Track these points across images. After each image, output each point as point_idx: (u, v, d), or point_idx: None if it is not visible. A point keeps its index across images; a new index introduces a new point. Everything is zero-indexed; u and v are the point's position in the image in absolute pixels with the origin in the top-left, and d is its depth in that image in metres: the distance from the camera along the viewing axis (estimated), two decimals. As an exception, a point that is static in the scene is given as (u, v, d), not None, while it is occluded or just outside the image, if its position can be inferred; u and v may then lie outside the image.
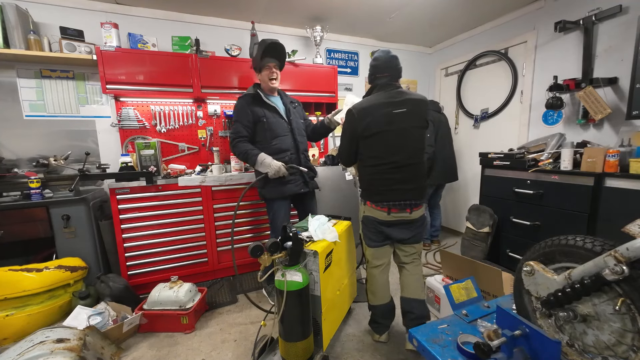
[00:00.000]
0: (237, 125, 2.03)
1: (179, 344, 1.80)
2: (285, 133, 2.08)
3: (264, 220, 2.60)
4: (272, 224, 2.15)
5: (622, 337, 0.76)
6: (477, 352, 0.83)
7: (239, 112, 2.03)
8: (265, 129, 2.03)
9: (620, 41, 2.13)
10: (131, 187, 2.21)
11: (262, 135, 2.04)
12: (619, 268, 0.71)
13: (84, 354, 1.39)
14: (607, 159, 1.84)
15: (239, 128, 2.02)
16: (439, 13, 2.88)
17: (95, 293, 2.02)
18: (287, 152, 2.06)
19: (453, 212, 3.78)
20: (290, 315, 1.39)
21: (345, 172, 2.96)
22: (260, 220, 2.62)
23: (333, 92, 3.09)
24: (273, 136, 2.04)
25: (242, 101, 2.05)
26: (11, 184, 2.17)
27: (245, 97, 2.06)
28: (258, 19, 2.92)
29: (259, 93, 2.06)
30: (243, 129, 2.02)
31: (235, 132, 2.02)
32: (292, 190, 2.07)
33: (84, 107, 2.54)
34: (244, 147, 2.00)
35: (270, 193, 2.05)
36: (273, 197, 2.06)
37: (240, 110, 2.03)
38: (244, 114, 2.02)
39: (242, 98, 2.06)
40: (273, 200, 2.07)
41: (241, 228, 2.57)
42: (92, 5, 2.47)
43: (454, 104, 3.63)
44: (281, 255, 1.41)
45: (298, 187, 2.09)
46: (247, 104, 2.03)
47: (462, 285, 1.35)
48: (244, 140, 2.02)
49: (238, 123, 2.03)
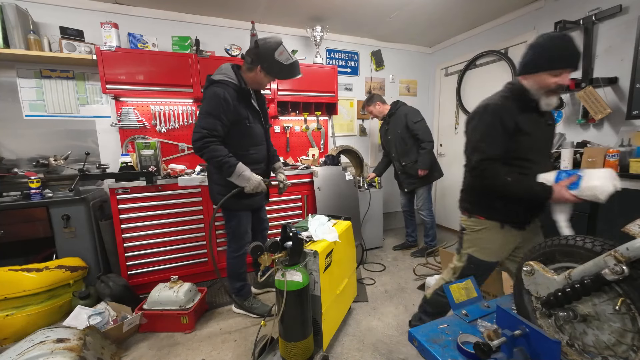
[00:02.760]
0: (211, 120, 1.62)
1: (179, 344, 1.80)
2: (262, 142, 1.87)
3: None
4: (234, 233, 1.92)
5: (622, 337, 0.76)
6: (477, 352, 0.83)
7: (219, 104, 1.63)
8: (244, 135, 1.75)
9: (620, 41, 2.13)
10: (131, 187, 2.21)
11: (238, 141, 1.74)
12: (619, 268, 0.71)
13: (84, 354, 1.39)
14: (607, 159, 1.84)
15: (214, 124, 1.62)
16: (439, 13, 2.88)
17: (95, 293, 2.02)
18: (261, 163, 1.89)
19: (453, 212, 3.78)
20: (290, 315, 1.39)
21: (346, 172, 2.96)
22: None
23: (333, 92, 3.09)
24: (252, 144, 1.80)
25: (225, 92, 1.65)
26: (11, 183, 2.17)
27: (229, 88, 1.67)
28: (258, 19, 2.92)
29: (249, 90, 1.77)
30: (220, 126, 1.64)
31: (209, 127, 1.61)
32: (258, 204, 1.97)
33: (84, 107, 2.54)
34: (220, 152, 1.64)
35: (236, 205, 1.82)
36: (235, 208, 1.86)
37: (223, 102, 1.63)
38: (226, 108, 1.64)
39: (225, 87, 1.66)
40: (237, 210, 1.87)
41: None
42: (92, 5, 2.47)
43: (454, 103, 3.63)
44: (281, 255, 1.41)
45: (261, 200, 2.00)
46: (232, 98, 1.67)
47: (462, 285, 1.35)
48: (218, 142, 1.65)
49: (213, 117, 1.62)
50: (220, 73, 1.73)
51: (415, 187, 2.90)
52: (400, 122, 2.81)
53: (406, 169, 2.87)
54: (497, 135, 1.25)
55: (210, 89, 1.67)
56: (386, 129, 2.98)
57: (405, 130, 2.79)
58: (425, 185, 2.88)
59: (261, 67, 1.71)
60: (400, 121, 2.80)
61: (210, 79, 1.73)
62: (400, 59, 3.80)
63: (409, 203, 3.07)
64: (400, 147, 2.85)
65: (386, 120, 2.96)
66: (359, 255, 2.72)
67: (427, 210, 2.92)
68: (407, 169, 2.87)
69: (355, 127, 3.69)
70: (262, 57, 1.69)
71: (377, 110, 2.94)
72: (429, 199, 2.93)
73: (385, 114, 2.93)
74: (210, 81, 1.71)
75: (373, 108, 2.94)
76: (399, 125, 2.82)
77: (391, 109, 2.90)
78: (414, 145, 2.79)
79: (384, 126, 3.03)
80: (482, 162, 1.26)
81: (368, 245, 3.10)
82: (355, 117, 3.66)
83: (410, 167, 2.83)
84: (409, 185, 2.93)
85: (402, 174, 2.96)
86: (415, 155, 2.79)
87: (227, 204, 1.76)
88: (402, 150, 2.85)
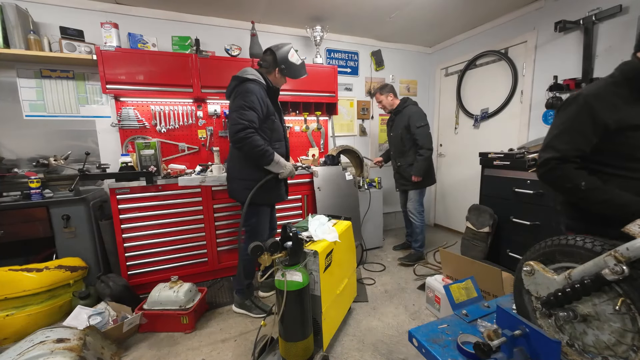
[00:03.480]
0: (250, 114, 1.72)
1: (179, 344, 1.80)
2: (283, 138, 2.00)
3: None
4: (252, 230, 1.96)
5: (622, 337, 0.76)
6: (477, 352, 0.83)
7: (257, 99, 1.75)
8: (272, 129, 1.88)
9: (620, 41, 2.13)
10: (131, 187, 2.21)
11: (267, 135, 1.86)
12: (619, 268, 0.72)
13: (84, 354, 1.39)
14: (607, 159, 1.84)
15: (253, 116, 1.72)
16: (439, 13, 2.88)
17: (95, 293, 2.02)
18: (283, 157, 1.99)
19: (453, 212, 3.78)
20: (290, 315, 1.39)
21: (346, 172, 2.96)
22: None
23: (333, 92, 3.09)
24: (277, 139, 1.93)
25: (260, 88, 1.79)
26: (11, 184, 2.17)
27: (261, 85, 1.82)
28: (258, 19, 2.92)
29: (277, 89, 1.93)
30: (257, 119, 1.74)
31: (249, 120, 1.71)
32: (281, 197, 2.04)
33: (84, 107, 2.54)
34: (260, 142, 1.74)
35: (262, 198, 1.89)
36: (261, 202, 1.92)
37: (260, 98, 1.76)
38: (263, 103, 1.78)
39: (258, 84, 1.81)
40: (259, 206, 1.93)
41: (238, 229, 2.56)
42: (92, 5, 2.47)
43: (454, 103, 3.63)
44: (281, 255, 1.41)
45: (282, 195, 2.05)
46: (265, 95, 1.82)
47: (462, 285, 1.35)
48: (256, 134, 1.75)
49: (252, 111, 1.73)
50: (250, 73, 1.83)
51: (407, 189, 2.84)
52: (402, 122, 2.73)
53: (400, 169, 2.83)
54: (580, 131, 1.02)
55: (246, 85, 1.77)
56: (390, 125, 2.90)
57: (405, 132, 2.72)
58: (417, 189, 2.78)
59: (279, 69, 1.90)
60: (403, 121, 2.72)
61: (240, 77, 1.81)
62: (400, 59, 3.80)
63: (406, 204, 3.01)
64: (398, 147, 2.82)
65: (392, 116, 2.87)
66: (359, 255, 2.72)
67: (418, 213, 2.79)
68: (401, 170, 2.83)
69: (355, 127, 3.69)
70: (279, 60, 1.88)
71: (387, 101, 2.81)
72: (419, 202, 2.80)
73: (393, 108, 2.82)
74: (241, 79, 1.81)
75: (384, 98, 2.81)
76: (401, 125, 2.74)
77: (399, 106, 2.78)
78: (411, 147, 2.73)
79: (389, 121, 2.96)
80: (548, 162, 1.06)
81: (368, 245, 3.10)
82: (355, 117, 3.66)
83: (404, 169, 2.78)
84: (401, 185, 2.91)
85: (396, 174, 2.94)
86: (412, 158, 2.72)
87: (254, 199, 1.81)
88: (400, 150, 2.81)
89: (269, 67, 1.90)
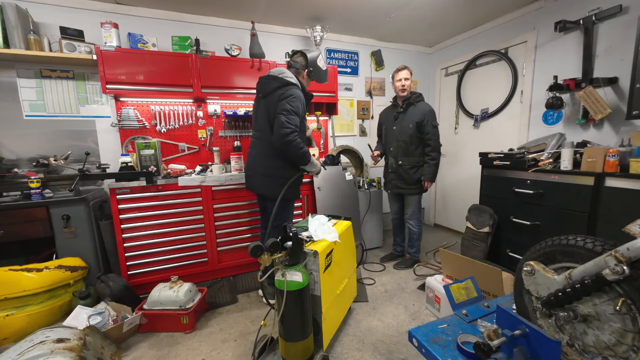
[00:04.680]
0: (295, 118, 1.85)
1: (179, 344, 1.80)
2: (305, 139, 2.11)
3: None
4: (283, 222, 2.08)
5: (622, 337, 0.76)
6: (477, 352, 0.83)
7: (300, 104, 1.89)
8: (302, 131, 2.01)
9: (620, 41, 2.13)
10: (131, 187, 2.20)
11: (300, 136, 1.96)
12: (619, 268, 0.72)
13: (84, 354, 1.39)
14: (607, 159, 1.84)
15: (297, 122, 1.86)
16: (439, 13, 2.88)
17: (95, 293, 2.02)
18: None
19: (453, 212, 3.78)
20: (290, 315, 1.39)
21: (346, 172, 2.96)
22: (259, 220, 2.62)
23: (333, 92, 3.09)
24: (304, 139, 2.04)
25: (301, 94, 1.92)
26: (11, 183, 2.17)
27: (301, 90, 1.95)
28: (258, 19, 2.92)
29: (310, 94, 2.05)
30: (299, 124, 1.89)
31: (295, 124, 1.85)
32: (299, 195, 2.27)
33: (84, 107, 2.54)
34: (302, 144, 1.91)
35: (293, 194, 2.07)
36: (291, 197, 2.07)
37: (301, 103, 1.90)
38: (303, 108, 1.94)
39: (301, 90, 1.95)
40: (289, 201, 2.10)
41: (240, 228, 2.57)
42: (92, 5, 2.47)
43: (454, 103, 3.63)
44: (281, 255, 1.41)
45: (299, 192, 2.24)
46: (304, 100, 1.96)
47: (462, 285, 1.35)
48: (299, 136, 1.90)
49: (296, 116, 1.86)
50: (290, 77, 1.93)
51: (404, 192, 2.62)
52: (415, 116, 2.47)
53: (400, 170, 2.58)
54: None
55: (292, 89, 1.89)
56: (395, 117, 2.59)
57: (416, 129, 2.47)
58: (418, 194, 2.61)
59: (307, 71, 2.05)
60: (417, 116, 2.46)
61: (283, 80, 1.91)
62: (400, 59, 3.80)
63: (401, 210, 2.78)
64: (403, 144, 2.54)
65: (399, 106, 2.58)
66: (359, 255, 2.71)
67: (416, 220, 2.64)
68: (401, 171, 2.58)
69: (355, 127, 3.69)
70: (310, 63, 2.04)
71: (407, 83, 2.51)
72: (419, 207, 2.65)
73: (406, 95, 2.53)
74: (285, 82, 1.91)
75: (408, 75, 2.52)
76: (412, 119, 2.47)
77: (412, 98, 2.53)
78: (418, 148, 2.52)
79: (392, 112, 2.65)
80: None
81: (368, 245, 3.10)
82: (355, 117, 3.66)
83: (406, 171, 2.55)
84: (396, 188, 2.64)
85: (393, 173, 2.64)
86: (416, 159, 2.52)
87: (287, 195, 1.94)
88: (404, 149, 2.54)
89: (298, 69, 2.03)
